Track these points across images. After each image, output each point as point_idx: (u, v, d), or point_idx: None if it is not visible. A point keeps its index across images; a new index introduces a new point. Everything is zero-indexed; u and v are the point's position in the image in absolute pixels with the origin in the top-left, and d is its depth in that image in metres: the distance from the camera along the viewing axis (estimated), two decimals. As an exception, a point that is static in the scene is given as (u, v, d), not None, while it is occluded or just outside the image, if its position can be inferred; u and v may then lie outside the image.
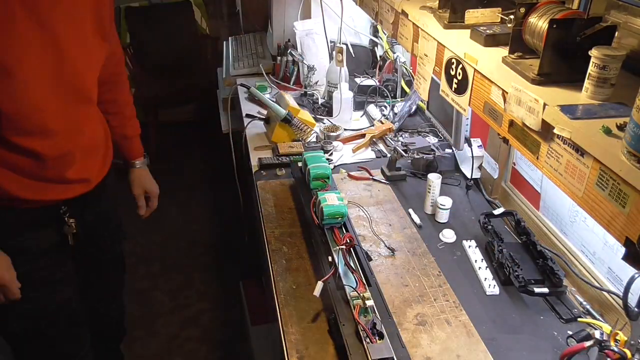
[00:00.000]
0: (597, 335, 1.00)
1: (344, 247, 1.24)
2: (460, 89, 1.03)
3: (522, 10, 0.88)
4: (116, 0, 3.64)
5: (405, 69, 2.20)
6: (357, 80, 2.24)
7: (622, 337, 0.97)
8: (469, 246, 1.41)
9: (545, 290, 1.21)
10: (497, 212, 1.46)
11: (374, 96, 2.16)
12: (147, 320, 2.46)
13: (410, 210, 1.56)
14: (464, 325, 1.18)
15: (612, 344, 0.96)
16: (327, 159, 1.62)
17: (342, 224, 1.36)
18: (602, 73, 0.73)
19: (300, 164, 1.61)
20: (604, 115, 0.72)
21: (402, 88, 2.18)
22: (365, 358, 1.01)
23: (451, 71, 1.06)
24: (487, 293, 1.27)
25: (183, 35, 3.97)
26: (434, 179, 1.52)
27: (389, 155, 1.82)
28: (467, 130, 1.70)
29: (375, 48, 2.44)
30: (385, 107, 2.12)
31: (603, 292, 1.19)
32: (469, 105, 1.01)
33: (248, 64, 2.56)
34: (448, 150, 1.78)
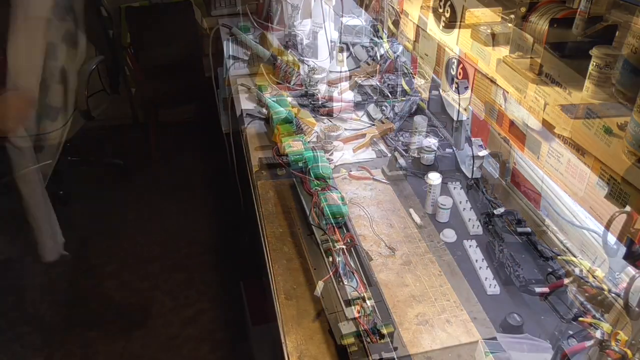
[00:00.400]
0: (598, 334, 1.00)
1: (345, 246, 1.24)
2: (461, 88, 1.03)
3: (523, 9, 0.88)
4: (116, 0, 3.65)
5: (406, 68, 2.19)
6: (357, 80, 2.23)
7: (622, 336, 0.96)
8: (470, 246, 1.41)
9: (546, 289, 1.21)
10: (497, 211, 1.46)
11: (374, 96, 2.16)
12: (147, 320, 2.46)
13: (411, 210, 1.56)
14: (464, 325, 1.18)
15: (612, 343, 0.96)
16: (328, 159, 1.62)
17: (343, 223, 1.36)
18: (603, 72, 0.73)
19: (300, 163, 1.61)
20: (605, 114, 0.72)
21: (403, 88, 2.18)
22: (366, 358, 1.00)
23: (452, 71, 1.06)
24: (488, 293, 1.27)
25: (183, 35, 3.97)
26: (435, 178, 1.52)
27: (389, 155, 1.82)
28: (467, 130, 1.70)
29: (376, 47, 2.44)
30: (386, 106, 2.12)
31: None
32: (470, 104, 1.01)
33: (230, 3, 2.46)
34: (448, 150, 1.78)
